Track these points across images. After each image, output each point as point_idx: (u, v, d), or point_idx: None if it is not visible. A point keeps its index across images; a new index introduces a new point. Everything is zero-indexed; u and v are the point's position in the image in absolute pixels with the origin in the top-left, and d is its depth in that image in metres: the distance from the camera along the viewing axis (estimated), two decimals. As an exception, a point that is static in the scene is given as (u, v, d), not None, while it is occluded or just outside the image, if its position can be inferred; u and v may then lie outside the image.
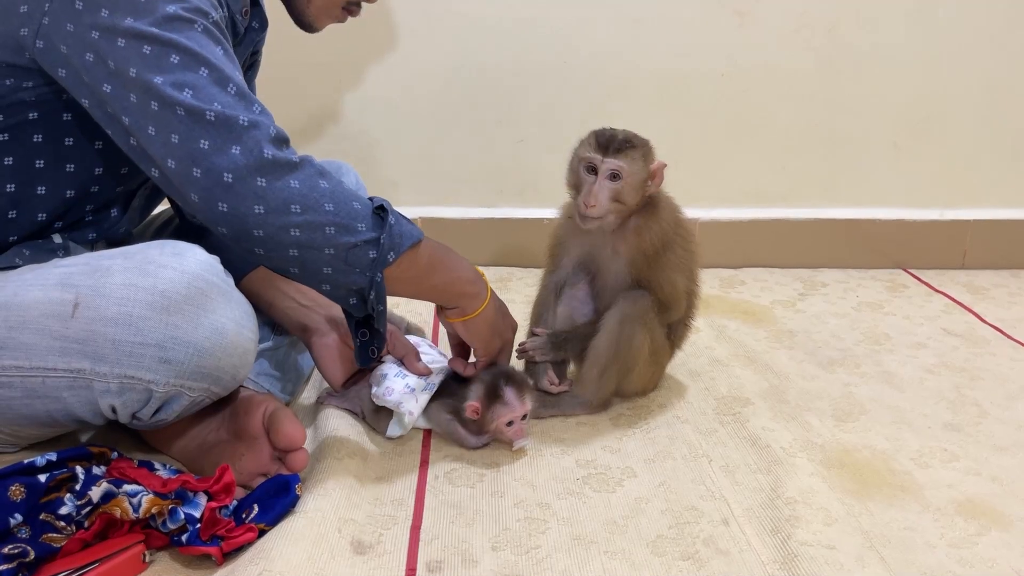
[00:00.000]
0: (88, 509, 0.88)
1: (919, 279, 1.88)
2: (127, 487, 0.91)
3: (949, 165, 1.92)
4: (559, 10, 1.78)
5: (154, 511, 0.90)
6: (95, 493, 0.88)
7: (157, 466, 0.99)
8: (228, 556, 0.92)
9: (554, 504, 1.05)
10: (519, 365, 1.26)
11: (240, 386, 1.09)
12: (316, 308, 1.17)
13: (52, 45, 0.92)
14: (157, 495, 0.91)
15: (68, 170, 1.04)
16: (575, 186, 1.20)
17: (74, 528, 0.88)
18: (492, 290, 1.14)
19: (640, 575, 0.92)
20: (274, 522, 0.95)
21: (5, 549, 0.84)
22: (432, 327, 1.56)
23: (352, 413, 1.21)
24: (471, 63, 1.81)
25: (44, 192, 1.03)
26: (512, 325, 1.21)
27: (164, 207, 1.33)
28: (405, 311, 1.56)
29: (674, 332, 1.30)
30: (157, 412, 0.96)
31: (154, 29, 0.90)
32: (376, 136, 1.86)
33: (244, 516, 0.95)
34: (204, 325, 0.93)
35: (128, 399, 0.93)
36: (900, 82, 1.86)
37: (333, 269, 0.96)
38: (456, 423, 1.17)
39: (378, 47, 1.80)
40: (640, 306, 1.21)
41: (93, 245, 1.13)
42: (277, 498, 0.97)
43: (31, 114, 1.00)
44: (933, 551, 0.97)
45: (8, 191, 1.01)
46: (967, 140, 1.90)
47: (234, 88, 0.93)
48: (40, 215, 1.04)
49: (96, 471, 0.92)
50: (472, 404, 1.14)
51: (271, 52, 1.33)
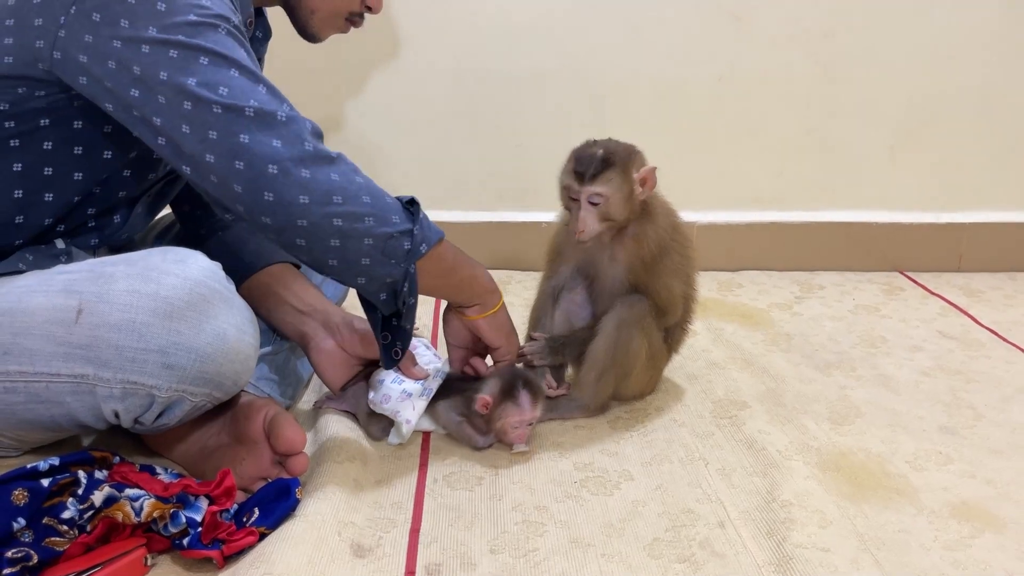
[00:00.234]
0: (90, 513, 0.89)
1: (915, 282, 1.89)
2: (129, 491, 0.92)
3: (945, 168, 1.93)
4: (558, 16, 1.80)
5: (156, 515, 0.91)
6: (97, 497, 0.89)
7: (158, 470, 1.00)
8: (229, 559, 0.93)
9: (552, 507, 1.05)
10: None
11: (241, 391, 1.09)
12: (312, 314, 1.18)
13: (70, 56, 0.94)
14: (159, 499, 0.92)
15: (76, 178, 1.05)
16: (566, 207, 1.22)
17: (77, 532, 0.89)
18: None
19: (637, 578, 0.93)
20: (275, 526, 0.96)
21: (9, 553, 0.85)
22: (432, 329, 1.57)
23: (351, 415, 1.22)
24: (471, 69, 1.83)
25: (51, 199, 1.04)
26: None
27: (165, 213, 1.34)
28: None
29: (671, 336, 1.31)
30: (160, 417, 0.97)
31: (180, 36, 0.92)
32: (376, 141, 1.87)
33: (245, 520, 0.95)
34: (206, 331, 0.94)
35: (131, 404, 0.94)
36: (896, 87, 1.87)
37: (371, 260, 0.99)
38: (466, 424, 1.18)
39: (378, 53, 1.81)
40: (637, 310, 1.22)
41: (95, 251, 1.14)
42: (277, 502, 0.98)
43: (43, 121, 1.01)
44: (927, 553, 0.98)
45: (16, 197, 1.03)
46: (962, 144, 1.92)
47: (264, 87, 0.95)
48: (46, 220, 1.05)
49: (98, 475, 0.93)
50: (483, 398, 1.14)
51: (272, 58, 1.34)
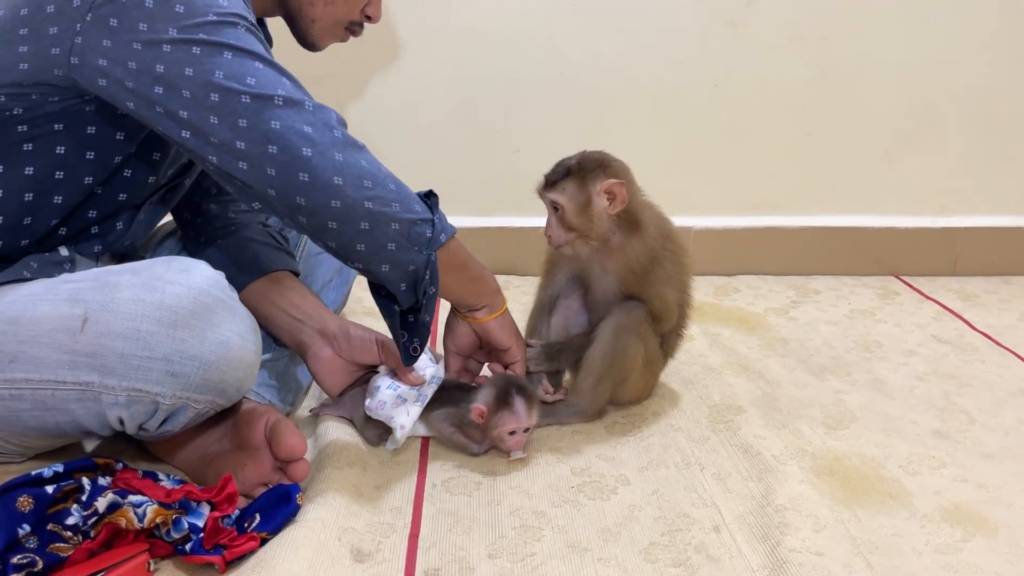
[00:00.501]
0: (94, 519, 0.90)
1: (911, 286, 1.91)
2: (132, 497, 0.93)
3: (940, 173, 1.95)
4: (555, 22, 1.81)
5: (159, 521, 0.92)
6: (101, 503, 0.90)
7: (161, 476, 1.01)
8: (231, 564, 0.94)
9: (549, 512, 1.07)
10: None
11: (242, 397, 1.11)
12: (310, 322, 1.19)
13: (88, 60, 0.95)
14: (162, 505, 0.93)
15: (86, 182, 1.06)
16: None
17: (80, 538, 0.90)
18: None
19: (633, 582, 0.95)
20: (276, 531, 0.97)
21: (14, 559, 0.86)
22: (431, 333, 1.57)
23: (349, 421, 1.23)
24: (469, 74, 1.84)
25: (60, 201, 1.06)
26: None
27: (167, 220, 1.35)
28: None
29: (667, 341, 1.32)
30: (163, 423, 0.98)
31: (201, 34, 0.94)
32: (374, 146, 1.83)
33: (246, 525, 0.97)
34: (210, 339, 0.95)
35: (135, 411, 0.95)
36: (892, 91, 1.88)
37: (396, 245, 1.01)
38: (459, 434, 1.19)
39: (377, 59, 1.82)
40: (634, 317, 1.23)
41: (99, 258, 1.15)
42: (278, 507, 0.99)
43: (56, 125, 1.02)
44: (920, 557, 1.00)
45: (27, 199, 1.04)
46: (958, 148, 1.93)
47: (287, 80, 0.98)
48: (53, 221, 1.07)
49: (102, 482, 0.94)
50: (479, 407, 1.15)
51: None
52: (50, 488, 0.89)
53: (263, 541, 0.96)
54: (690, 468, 1.17)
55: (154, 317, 0.93)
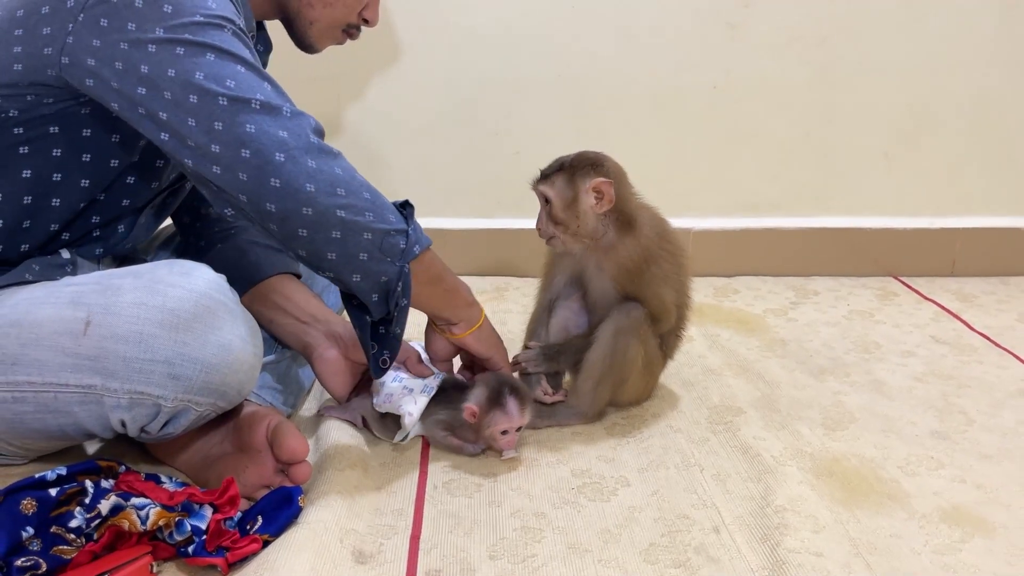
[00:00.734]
0: (97, 522, 0.91)
1: (909, 287, 1.91)
2: (135, 500, 0.93)
3: (939, 174, 1.95)
4: (555, 24, 1.81)
5: (161, 523, 0.93)
6: (104, 506, 0.91)
7: (163, 479, 1.02)
8: (233, 567, 0.95)
9: (550, 513, 1.07)
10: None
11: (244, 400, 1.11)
12: (315, 324, 1.20)
13: (78, 60, 0.96)
14: (164, 508, 0.94)
15: (83, 185, 1.07)
16: None
17: (84, 540, 0.90)
18: None
19: (633, 583, 0.95)
20: (278, 533, 0.98)
21: (18, 562, 0.87)
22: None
23: (352, 425, 1.23)
24: (468, 76, 1.84)
25: (58, 204, 1.06)
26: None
27: (167, 224, 1.36)
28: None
29: (666, 343, 1.32)
30: (165, 426, 0.99)
31: (186, 35, 0.95)
32: (374, 148, 1.88)
33: (248, 527, 0.97)
34: (211, 342, 0.96)
35: (137, 414, 0.96)
36: (890, 93, 1.89)
37: (368, 255, 1.00)
38: (451, 437, 1.19)
39: (376, 61, 1.82)
40: (633, 318, 1.23)
41: (100, 260, 1.15)
42: (280, 510, 0.99)
43: (51, 128, 1.03)
44: (918, 558, 1.00)
45: (25, 203, 1.04)
46: (956, 149, 1.94)
47: (269, 84, 0.98)
48: (52, 225, 1.07)
49: (105, 485, 0.95)
50: (470, 407, 1.16)
51: (271, 66, 1.35)
52: (53, 491, 0.90)
53: (265, 543, 0.96)
54: (690, 469, 1.17)
55: (156, 320, 0.93)
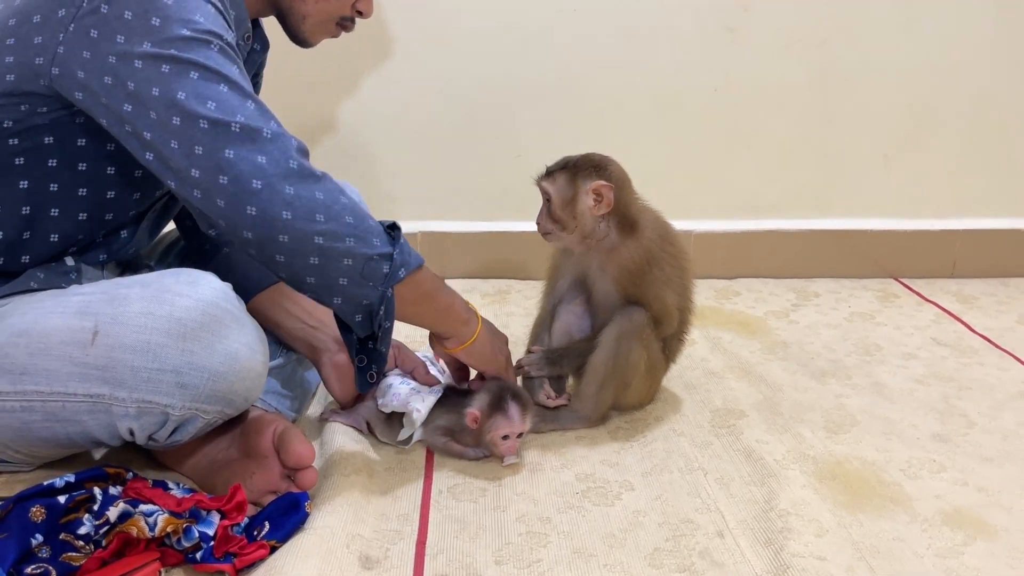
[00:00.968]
0: (106, 528, 0.91)
1: (910, 288, 1.92)
2: (143, 507, 0.94)
3: (939, 175, 1.96)
4: (556, 27, 1.82)
5: (169, 529, 0.93)
6: (112, 513, 0.91)
7: (171, 485, 1.02)
8: (241, 572, 0.95)
9: (555, 518, 1.08)
10: (517, 381, 1.29)
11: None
12: (323, 328, 1.20)
13: (69, 71, 0.96)
14: (172, 514, 0.94)
15: (81, 194, 1.07)
16: None
17: (92, 547, 0.91)
18: (480, 315, 1.20)
19: (638, 587, 0.96)
20: (285, 539, 0.98)
21: (28, 569, 0.87)
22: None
23: (357, 430, 1.24)
24: (469, 79, 1.85)
25: (57, 214, 1.06)
26: (504, 339, 1.25)
27: (170, 228, 1.36)
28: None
29: (668, 346, 1.33)
30: (173, 433, 0.99)
31: (172, 51, 0.94)
32: (376, 152, 1.89)
33: (256, 533, 0.98)
34: (218, 351, 0.96)
35: (145, 422, 0.96)
36: (890, 95, 1.89)
37: (349, 280, 1.00)
38: (452, 443, 1.20)
39: (377, 64, 1.83)
40: (636, 322, 1.24)
41: (104, 266, 1.16)
42: (287, 515, 1.00)
43: (46, 138, 1.03)
44: (921, 561, 1.01)
45: (23, 213, 1.05)
46: (956, 151, 1.94)
47: (252, 104, 0.97)
48: (53, 236, 1.07)
49: (113, 491, 0.96)
50: (472, 412, 1.17)
51: (271, 69, 1.35)
52: (62, 498, 0.90)
53: (272, 549, 0.97)
54: (693, 473, 1.18)
55: (163, 330, 0.94)
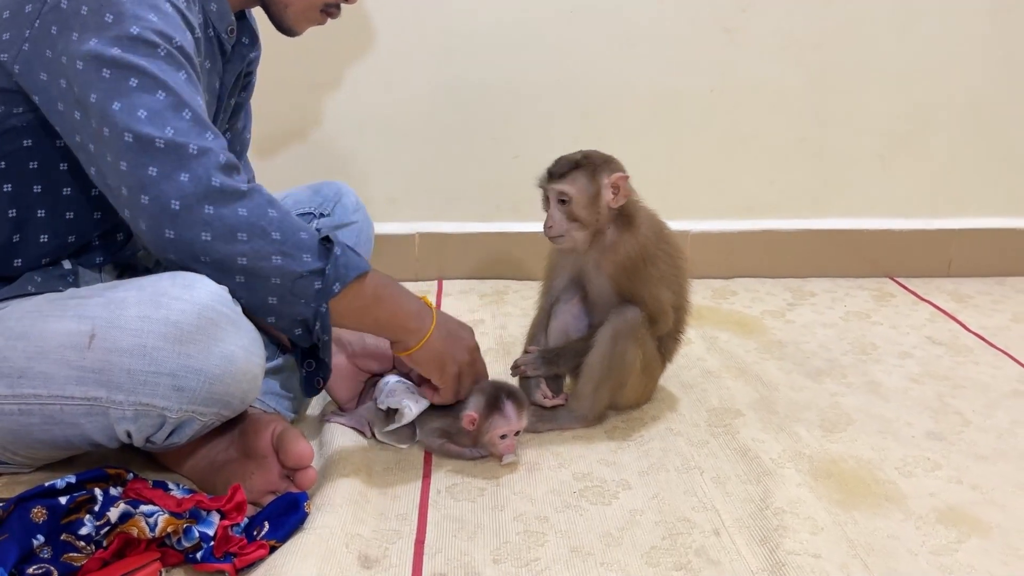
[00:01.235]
0: (107, 529, 0.92)
1: (905, 287, 1.93)
2: (143, 507, 0.95)
3: (934, 176, 1.97)
4: (553, 28, 1.83)
5: (170, 530, 0.94)
6: (113, 514, 0.92)
7: (171, 486, 1.03)
8: (241, 572, 0.96)
9: (552, 517, 1.09)
10: (514, 381, 1.30)
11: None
12: None
13: (31, 70, 0.96)
14: (172, 514, 0.95)
15: (65, 193, 1.07)
16: (544, 210, 1.26)
17: (93, 547, 0.92)
18: (441, 318, 1.14)
19: (635, 586, 0.97)
20: (284, 539, 0.99)
21: (30, 569, 0.88)
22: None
23: (357, 431, 1.25)
24: (466, 81, 1.85)
25: (44, 215, 1.06)
26: (467, 346, 1.18)
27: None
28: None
29: (664, 345, 1.34)
30: (170, 436, 1.00)
31: (115, 51, 0.93)
32: (372, 154, 1.89)
33: (255, 533, 0.99)
34: (215, 354, 0.96)
35: (143, 425, 0.97)
36: (885, 95, 1.90)
37: (279, 299, 0.99)
38: (448, 444, 1.21)
39: (373, 65, 1.83)
40: (631, 321, 1.25)
41: (101, 269, 1.16)
42: (287, 515, 1.01)
43: (25, 141, 1.03)
44: (915, 559, 1.02)
45: (10, 216, 1.05)
46: (951, 151, 1.95)
47: (189, 114, 0.95)
48: (43, 237, 1.07)
49: (113, 492, 0.96)
50: (470, 415, 1.17)
51: (269, 70, 1.36)
52: (63, 499, 0.91)
53: (272, 549, 0.98)
54: (690, 472, 1.19)
55: (160, 333, 0.94)
